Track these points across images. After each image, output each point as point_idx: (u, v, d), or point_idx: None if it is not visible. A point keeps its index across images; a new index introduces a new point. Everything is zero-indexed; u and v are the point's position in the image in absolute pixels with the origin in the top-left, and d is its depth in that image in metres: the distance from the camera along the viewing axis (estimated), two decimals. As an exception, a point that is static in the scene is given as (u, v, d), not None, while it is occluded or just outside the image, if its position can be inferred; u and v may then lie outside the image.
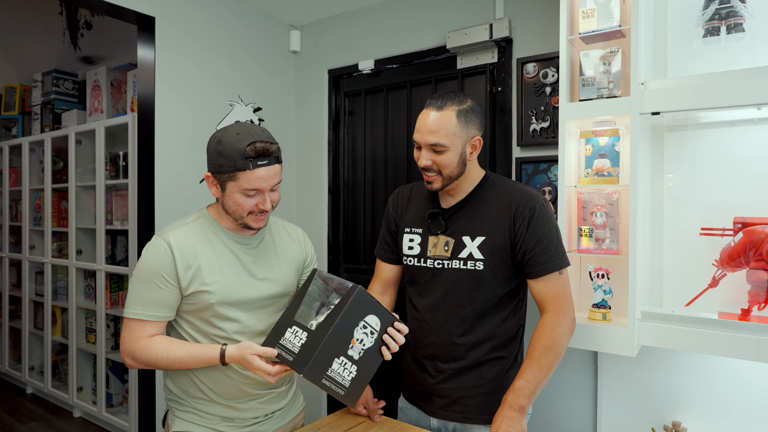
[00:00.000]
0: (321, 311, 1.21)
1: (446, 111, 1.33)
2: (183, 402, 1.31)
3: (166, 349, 1.20)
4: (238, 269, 1.29)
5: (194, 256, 1.24)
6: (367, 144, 2.64)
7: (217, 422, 1.30)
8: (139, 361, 1.23)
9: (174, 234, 1.25)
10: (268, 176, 1.21)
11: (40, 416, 3.44)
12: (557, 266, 1.34)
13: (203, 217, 1.32)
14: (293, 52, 2.84)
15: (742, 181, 1.59)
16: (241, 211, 1.24)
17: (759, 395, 1.57)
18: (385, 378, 2.36)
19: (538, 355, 1.29)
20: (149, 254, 1.23)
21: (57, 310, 3.66)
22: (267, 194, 1.23)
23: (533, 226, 1.34)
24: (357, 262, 2.65)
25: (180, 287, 1.23)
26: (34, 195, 3.83)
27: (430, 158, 1.35)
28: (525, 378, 1.28)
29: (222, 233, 1.30)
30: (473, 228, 1.40)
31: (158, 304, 1.22)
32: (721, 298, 1.59)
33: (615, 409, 1.83)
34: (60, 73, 3.71)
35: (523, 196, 1.37)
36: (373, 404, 1.51)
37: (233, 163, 1.18)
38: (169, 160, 2.27)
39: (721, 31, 1.53)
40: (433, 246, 1.44)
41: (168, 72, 2.26)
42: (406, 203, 1.55)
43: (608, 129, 1.63)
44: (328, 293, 1.22)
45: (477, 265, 1.38)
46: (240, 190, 1.21)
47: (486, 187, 1.43)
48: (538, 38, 2.04)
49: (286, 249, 1.41)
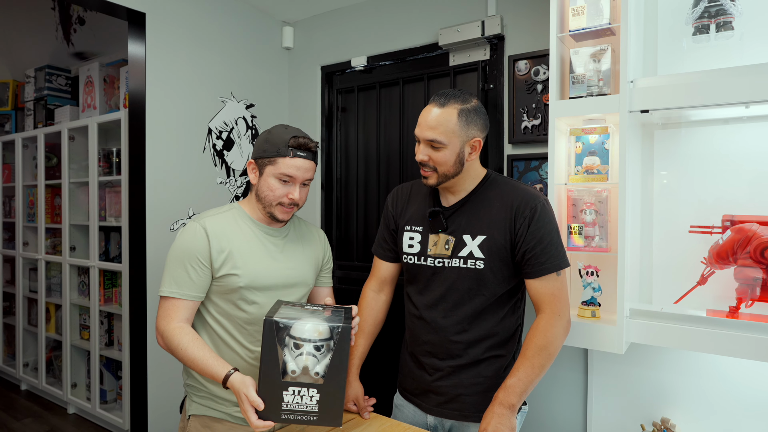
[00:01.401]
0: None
1: (448, 108, 1.33)
2: (200, 388, 1.39)
3: (188, 343, 1.26)
4: (264, 256, 1.40)
5: (227, 241, 1.35)
6: (359, 141, 2.64)
7: (230, 407, 1.38)
8: (166, 342, 1.30)
9: (209, 220, 1.37)
10: (303, 167, 1.35)
11: (34, 412, 3.44)
12: (556, 267, 1.34)
13: (235, 209, 1.44)
14: (286, 49, 2.83)
15: (731, 179, 1.60)
16: (272, 197, 1.35)
17: (746, 392, 1.58)
18: (381, 374, 2.36)
19: (532, 355, 1.30)
20: (186, 237, 1.34)
21: (51, 306, 3.66)
22: (299, 187, 1.36)
23: (534, 225, 1.34)
24: (350, 259, 2.65)
25: (212, 269, 1.33)
26: (27, 191, 3.82)
27: (426, 153, 1.36)
28: (517, 376, 1.28)
29: (251, 223, 1.42)
30: (474, 227, 1.40)
31: (190, 285, 1.32)
32: (710, 295, 1.60)
33: (605, 406, 1.84)
34: (53, 68, 3.69)
35: (524, 196, 1.37)
36: (364, 401, 1.51)
37: (276, 149, 1.34)
38: (161, 156, 2.26)
39: (710, 30, 1.53)
40: (434, 244, 1.44)
41: (159, 68, 2.25)
42: (406, 201, 1.55)
43: (598, 127, 1.63)
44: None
45: (477, 264, 1.38)
46: (276, 174, 1.34)
47: (487, 186, 1.43)
48: (529, 35, 2.04)
49: (308, 245, 1.51)
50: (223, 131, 2.51)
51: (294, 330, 1.13)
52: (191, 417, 1.40)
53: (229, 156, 2.55)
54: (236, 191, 2.58)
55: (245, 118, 2.62)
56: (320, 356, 1.14)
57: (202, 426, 1.38)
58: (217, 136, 2.49)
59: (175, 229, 2.32)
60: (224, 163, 2.52)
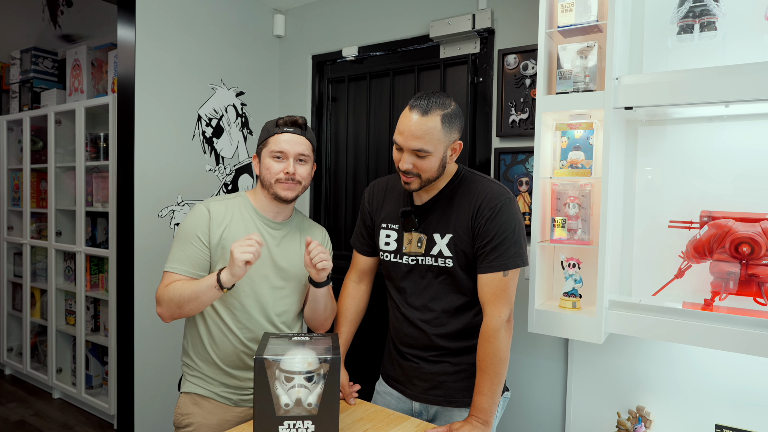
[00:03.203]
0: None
1: (431, 116, 1.30)
2: (193, 367, 1.48)
3: (182, 285, 1.34)
4: (262, 249, 1.42)
5: (226, 224, 1.42)
6: (349, 131, 2.65)
7: (219, 387, 1.46)
8: (163, 304, 1.36)
9: (214, 203, 1.45)
10: (292, 141, 1.42)
11: (19, 397, 3.44)
12: (502, 266, 1.34)
13: (240, 197, 1.50)
14: (277, 37, 2.82)
15: (715, 177, 1.64)
16: (269, 175, 1.42)
17: (717, 381, 1.64)
18: (363, 362, 2.40)
19: (486, 366, 1.33)
20: (190, 217, 1.42)
21: (36, 291, 3.64)
22: (292, 160, 1.41)
23: (490, 224, 1.35)
24: (338, 248, 2.67)
25: (210, 248, 1.40)
26: (12, 175, 3.78)
27: (411, 162, 1.34)
28: (483, 393, 1.32)
29: (254, 213, 1.48)
30: (443, 226, 1.42)
31: (190, 262, 1.39)
32: (687, 288, 1.65)
33: (583, 394, 1.89)
34: (39, 51, 3.63)
35: (488, 195, 1.37)
36: (348, 387, 1.54)
37: (267, 132, 1.44)
38: (150, 142, 2.25)
39: (694, 29, 1.57)
40: (408, 242, 1.47)
41: (149, 53, 2.23)
42: (382, 198, 1.57)
43: (583, 122, 1.66)
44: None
45: (447, 262, 1.40)
46: (269, 153, 1.42)
47: (457, 183, 1.44)
48: (519, 30, 2.06)
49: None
50: (212, 118, 2.51)
51: (284, 364, 1.17)
52: (182, 393, 1.49)
53: (219, 143, 2.55)
54: (225, 179, 2.59)
55: (235, 106, 2.61)
56: (312, 386, 1.17)
57: (191, 402, 1.46)
58: (207, 123, 2.48)
59: (164, 215, 2.32)
60: (213, 151, 2.52)
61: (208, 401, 1.46)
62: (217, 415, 1.45)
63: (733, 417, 1.60)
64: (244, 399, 1.47)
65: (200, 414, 1.44)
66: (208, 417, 1.44)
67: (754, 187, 1.57)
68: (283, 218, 1.51)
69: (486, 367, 1.33)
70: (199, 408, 1.45)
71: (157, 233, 2.28)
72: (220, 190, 2.57)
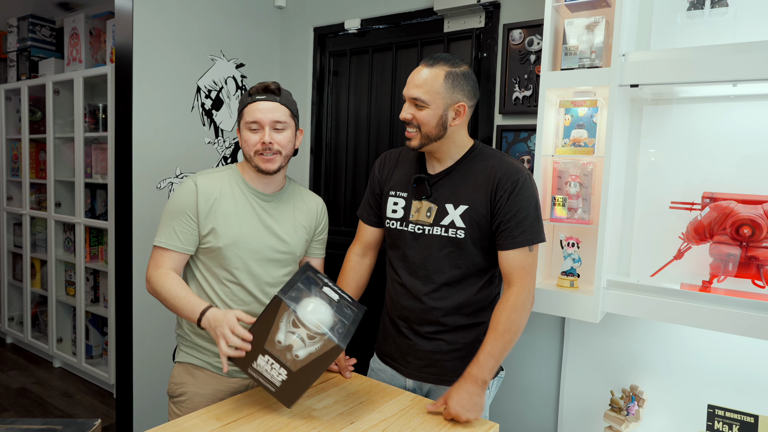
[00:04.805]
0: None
1: (436, 69, 1.34)
2: (186, 338, 1.49)
3: (172, 285, 1.34)
4: (252, 219, 1.43)
5: (214, 199, 1.40)
6: (350, 106, 2.62)
7: (212, 358, 1.46)
8: (152, 285, 1.37)
9: (202, 177, 1.42)
10: (266, 109, 1.36)
11: (20, 365, 3.48)
12: (528, 241, 1.35)
13: (230, 170, 1.47)
14: (278, 8, 2.76)
15: (719, 158, 1.61)
16: (248, 148, 1.39)
17: (711, 362, 1.65)
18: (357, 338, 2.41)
19: (502, 330, 1.32)
20: (178, 192, 1.40)
21: (36, 262, 3.65)
22: (268, 129, 1.37)
23: (513, 199, 1.35)
24: (337, 224, 2.66)
25: (198, 224, 1.39)
26: (11, 145, 3.75)
27: (410, 112, 1.37)
28: (488, 351, 1.32)
29: (244, 185, 1.45)
30: (457, 196, 1.41)
31: (180, 237, 1.38)
32: (686, 270, 1.64)
33: (578, 372, 1.91)
34: (36, 18, 3.57)
35: (508, 169, 1.38)
36: (344, 361, 1.55)
37: (242, 104, 1.40)
38: (148, 113, 2.23)
39: (705, 5, 1.53)
40: (416, 211, 1.45)
41: (147, 22, 2.19)
42: (393, 167, 1.56)
43: (587, 100, 1.63)
44: (311, 291, 1.25)
45: (458, 233, 1.39)
46: (245, 125, 1.38)
47: (474, 156, 1.44)
48: (525, 4, 2.01)
49: (301, 213, 1.53)
50: (212, 90, 2.47)
51: (298, 311, 1.18)
52: (177, 363, 1.49)
53: (218, 116, 2.52)
54: (224, 152, 2.56)
55: (235, 78, 2.58)
56: (309, 343, 1.19)
57: (185, 372, 1.47)
58: (206, 95, 2.45)
59: (162, 187, 2.31)
60: (213, 123, 2.50)
61: (202, 371, 1.46)
62: (211, 385, 1.45)
63: (726, 398, 1.61)
64: (237, 370, 1.47)
65: (194, 384, 1.45)
66: (201, 387, 1.45)
67: (758, 169, 1.55)
68: (273, 190, 1.48)
69: (503, 331, 1.32)
70: (192, 378, 1.46)
71: (156, 205, 2.27)
72: (219, 162, 2.55)
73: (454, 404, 1.26)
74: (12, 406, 2.90)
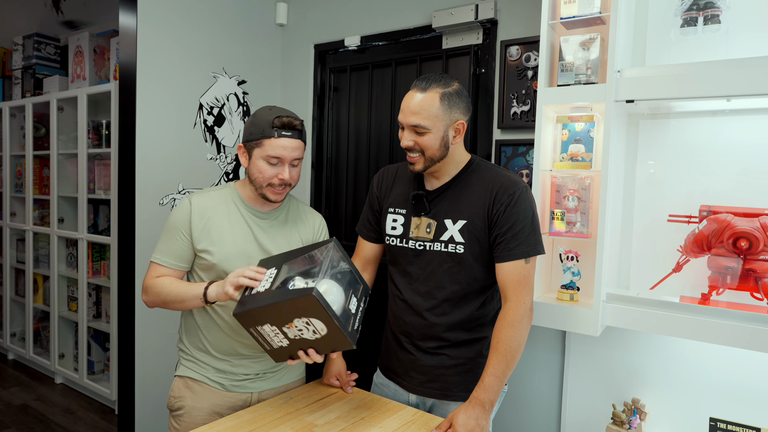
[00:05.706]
0: (304, 275, 1.24)
1: (430, 93, 1.35)
2: (186, 352, 1.51)
3: (170, 283, 1.38)
4: (246, 237, 1.44)
5: (208, 217, 1.42)
6: (351, 121, 2.64)
7: (211, 372, 1.48)
8: (149, 294, 1.41)
9: (197, 195, 1.45)
10: (290, 147, 1.37)
11: (21, 381, 3.48)
12: (525, 254, 1.35)
13: (228, 188, 1.49)
14: (279, 26, 2.81)
15: (717, 172, 1.63)
16: (262, 179, 1.38)
17: (712, 375, 1.65)
18: (361, 352, 2.42)
19: (504, 349, 1.32)
20: (176, 211, 1.44)
21: (39, 277, 3.66)
22: (288, 166, 1.38)
23: (509, 211, 1.35)
24: (338, 238, 2.68)
25: (192, 241, 1.41)
26: (15, 161, 3.79)
27: (411, 139, 1.37)
28: (493, 374, 1.31)
29: (240, 203, 1.47)
30: (455, 211, 1.42)
31: (174, 255, 1.42)
32: (685, 283, 1.65)
33: (580, 386, 1.91)
34: (41, 36, 3.63)
35: (505, 182, 1.39)
36: (346, 376, 1.56)
37: (261, 131, 1.36)
38: (151, 130, 2.25)
39: (698, 22, 1.56)
40: (416, 227, 1.46)
41: (151, 40, 2.23)
42: (391, 183, 1.57)
43: (584, 115, 1.66)
44: (330, 266, 1.25)
45: (457, 248, 1.40)
46: (263, 156, 1.37)
47: (471, 171, 1.45)
48: (522, 21, 2.05)
49: (296, 230, 1.53)
50: (214, 107, 2.51)
51: (326, 296, 1.17)
52: (176, 377, 1.52)
53: (220, 132, 2.55)
54: (226, 168, 2.59)
55: (237, 95, 2.61)
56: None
57: (184, 386, 1.49)
58: (208, 111, 2.48)
59: (165, 203, 2.33)
60: (215, 139, 2.52)
61: (200, 385, 1.47)
62: (208, 399, 1.46)
63: (728, 410, 1.61)
64: (236, 385, 1.48)
65: (191, 397, 1.46)
66: (199, 401, 1.46)
67: (756, 182, 1.57)
68: (270, 208, 1.50)
69: (504, 350, 1.32)
70: (190, 391, 1.47)
71: (158, 221, 2.29)
72: (221, 179, 2.57)
73: (460, 428, 1.27)
74: (13, 423, 2.89)
